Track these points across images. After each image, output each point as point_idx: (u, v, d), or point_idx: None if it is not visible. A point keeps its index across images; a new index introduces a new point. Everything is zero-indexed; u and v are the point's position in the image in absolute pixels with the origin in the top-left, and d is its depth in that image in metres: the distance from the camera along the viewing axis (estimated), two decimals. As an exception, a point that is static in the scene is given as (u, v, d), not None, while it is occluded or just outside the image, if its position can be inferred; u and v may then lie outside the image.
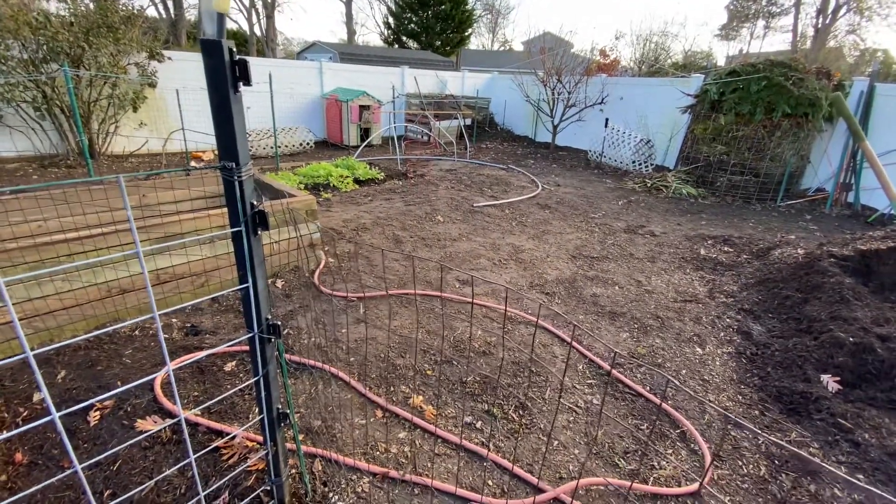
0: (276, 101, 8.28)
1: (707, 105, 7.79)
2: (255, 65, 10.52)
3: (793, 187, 7.56)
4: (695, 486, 2.15)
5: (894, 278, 3.45)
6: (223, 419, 2.36)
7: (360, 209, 5.97)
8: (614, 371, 2.96)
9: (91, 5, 7.80)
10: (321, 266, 4.06)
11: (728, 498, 2.13)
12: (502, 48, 38.51)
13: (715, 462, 2.32)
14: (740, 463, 2.33)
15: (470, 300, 3.68)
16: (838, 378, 2.75)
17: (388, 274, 4.07)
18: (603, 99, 10.52)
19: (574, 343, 3.23)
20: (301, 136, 9.99)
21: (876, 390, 2.65)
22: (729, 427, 2.57)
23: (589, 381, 2.88)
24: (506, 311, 1.51)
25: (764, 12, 33.05)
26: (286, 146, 9.58)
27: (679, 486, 2.16)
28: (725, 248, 5.12)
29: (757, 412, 2.67)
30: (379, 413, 2.45)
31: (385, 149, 10.40)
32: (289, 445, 2.10)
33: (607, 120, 9.94)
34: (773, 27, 33.58)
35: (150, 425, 2.30)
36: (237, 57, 1.14)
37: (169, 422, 2.28)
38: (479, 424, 2.45)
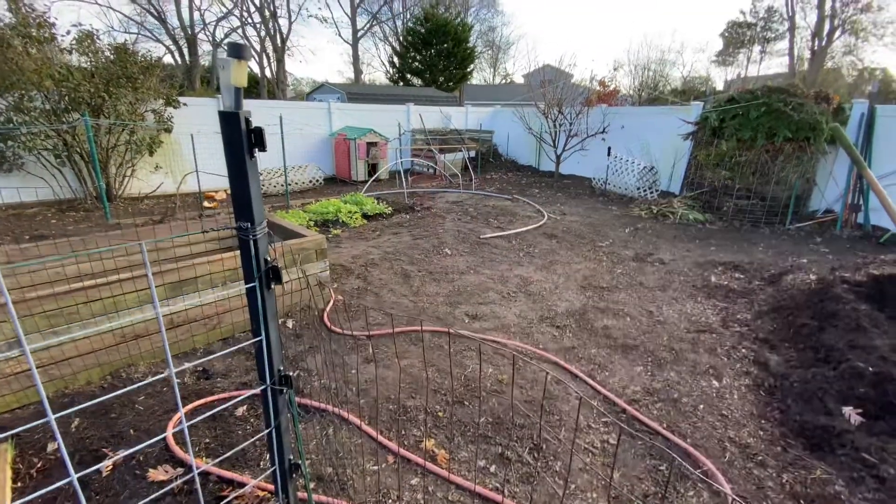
0: (287, 140, 8.56)
1: (708, 132, 7.90)
2: (267, 107, 10.97)
3: (801, 210, 7.54)
4: (719, 531, 2.06)
5: (912, 304, 3.38)
6: (234, 467, 2.34)
7: (368, 244, 6.05)
8: (630, 408, 2.90)
9: (111, 56, 8.25)
10: (330, 304, 4.09)
11: (755, 543, 2.04)
12: (503, 81, 39.63)
13: (739, 504, 2.23)
14: (766, 504, 2.24)
15: (480, 337, 3.67)
16: (860, 410, 2.66)
17: (397, 310, 4.08)
18: (605, 128, 10.72)
19: (588, 379, 3.18)
20: (311, 174, 10.25)
21: (902, 423, 2.56)
22: (751, 466, 2.49)
23: (604, 419, 2.82)
24: (513, 375, 1.51)
25: (759, 38, 33.83)
26: (297, 183, 9.83)
27: (703, 531, 2.08)
28: (736, 275, 5.07)
29: (779, 448, 2.59)
30: (391, 458, 2.42)
31: (392, 183, 10.61)
32: (300, 495, 2.07)
33: (610, 148, 10.09)
34: (769, 51, 34.28)
35: (162, 475, 2.28)
36: (253, 126, 1.22)
37: (181, 472, 2.26)
38: (493, 468, 2.40)
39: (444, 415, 2.77)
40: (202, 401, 2.79)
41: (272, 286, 1.35)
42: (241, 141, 1.20)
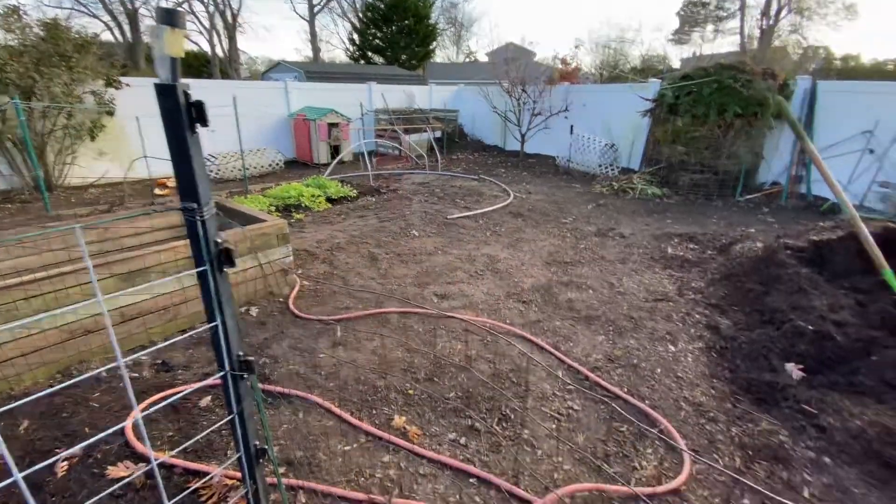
0: (243, 122, 8.17)
1: (665, 108, 8.12)
2: (219, 87, 10.41)
3: (750, 182, 7.93)
4: (675, 483, 2.20)
5: (845, 266, 3.65)
6: (201, 458, 2.29)
7: (333, 228, 5.93)
8: (593, 375, 3.01)
9: (41, 33, 7.55)
10: (295, 290, 4.00)
11: (707, 492, 2.20)
12: (467, 60, 39.14)
13: (692, 458, 2.38)
14: (717, 457, 2.41)
15: (448, 315, 3.70)
16: (802, 366, 2.88)
17: (365, 293, 4.04)
18: (567, 106, 10.82)
19: (553, 350, 3.28)
20: (270, 157, 9.87)
21: (836, 375, 2.79)
22: (703, 422, 2.65)
23: (569, 388, 2.93)
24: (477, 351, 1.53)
25: (712, 17, 34.77)
26: (255, 168, 9.45)
27: (661, 484, 2.21)
28: (691, 246, 5.31)
29: (729, 404, 2.77)
30: (362, 438, 2.43)
31: (356, 165, 10.38)
32: (270, 480, 2.06)
33: (572, 126, 10.22)
34: (721, 30, 35.33)
35: (123, 472, 2.21)
36: (193, 99, 1.15)
37: (141, 467, 2.19)
38: (463, 441, 2.45)
39: (414, 392, 2.80)
40: (162, 394, 2.69)
41: (224, 269, 1.30)
42: (180, 116, 1.12)
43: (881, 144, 6.80)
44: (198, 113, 1.15)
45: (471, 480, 2.21)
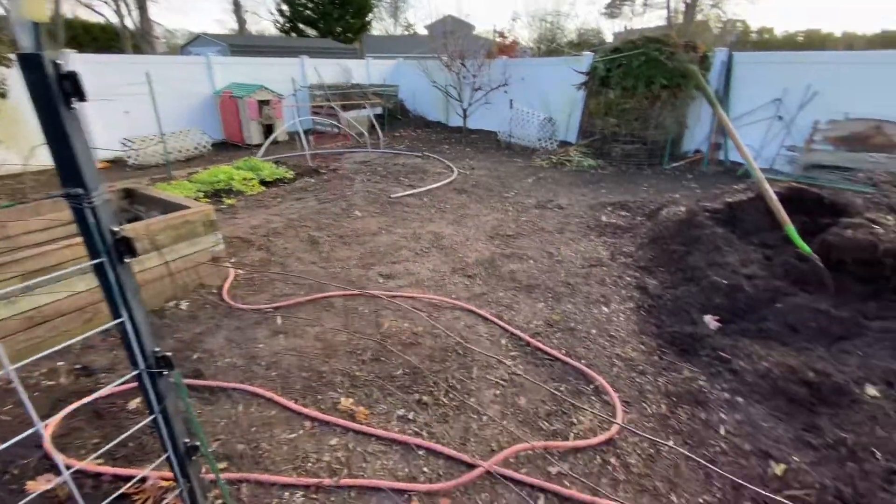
0: (162, 102, 7.46)
1: (597, 81, 8.37)
2: (129, 63, 9.40)
3: (676, 151, 8.44)
4: (608, 434, 2.37)
5: (755, 224, 4.01)
6: (132, 463, 2.16)
7: (269, 212, 5.66)
8: (534, 341, 3.14)
9: None
10: (230, 280, 3.80)
11: (637, 438, 2.39)
12: (406, 33, 38.02)
13: (624, 409, 2.57)
14: (645, 405, 2.61)
15: (395, 295, 3.68)
16: (718, 317, 3.17)
17: (307, 278, 3.92)
18: (506, 81, 10.86)
19: (496, 320, 3.38)
20: (195, 139, 9.15)
21: (747, 323, 3.10)
22: (634, 375, 2.86)
23: (512, 354, 3.04)
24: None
25: (642, -10, 35.90)
26: (179, 151, 8.74)
27: (596, 436, 2.37)
28: (623, 213, 5.61)
29: (656, 357, 3.00)
30: (308, 424, 2.39)
31: (292, 145, 9.87)
32: (210, 476, 1.98)
33: (511, 101, 10.30)
34: (650, 4, 36.65)
35: (44, 485, 2.04)
36: (65, 69, 1.01)
37: (64, 477, 2.03)
38: (411, 415, 2.49)
39: (361, 373, 2.78)
40: (82, 401, 2.49)
41: (125, 260, 1.20)
42: (49, 90, 0.99)
43: (789, 112, 7.44)
44: (73, 86, 1.02)
45: (419, 452, 2.26)
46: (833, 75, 6.94)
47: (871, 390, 2.37)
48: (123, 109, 8.68)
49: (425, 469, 2.17)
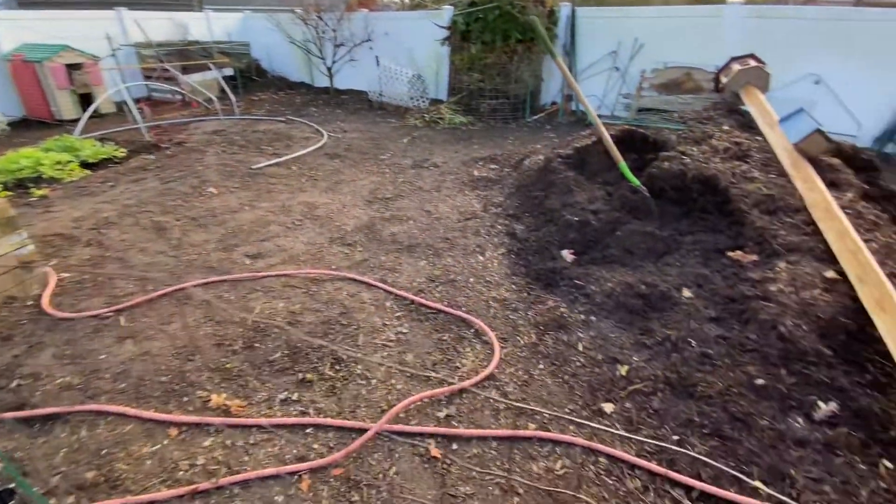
0: None
1: (458, 36, 8.43)
2: None
3: (535, 104, 9.02)
4: (488, 370, 2.57)
5: (599, 165, 4.52)
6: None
7: (97, 200, 4.75)
8: (418, 298, 3.21)
9: None
10: (51, 286, 3.15)
11: (513, 368, 2.63)
12: (253, -18, 33.60)
13: (501, 345, 2.80)
14: (518, 338, 2.87)
15: (266, 275, 3.43)
16: (573, 250, 3.57)
17: (155, 271, 3.43)
18: (369, 36, 10.36)
19: (380, 284, 3.36)
20: (-21, 117, 7.16)
21: (596, 252, 3.54)
22: (508, 313, 3.11)
23: (397, 315, 3.08)
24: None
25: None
26: (-44, 134, 6.77)
27: (477, 374, 2.55)
28: (492, 166, 5.90)
29: (525, 294, 3.29)
30: (174, 431, 2.16)
31: (122, 117, 8.30)
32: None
33: (378, 58, 9.89)
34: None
35: None
36: None
37: None
38: (295, 396, 2.40)
39: (232, 365, 2.57)
40: None
41: None
42: None
43: (623, 63, 8.37)
44: None
45: (307, 431, 2.20)
46: (654, 29, 7.93)
47: (687, 293, 2.91)
48: None
49: (315, 446, 2.13)
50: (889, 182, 3.80)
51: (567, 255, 3.52)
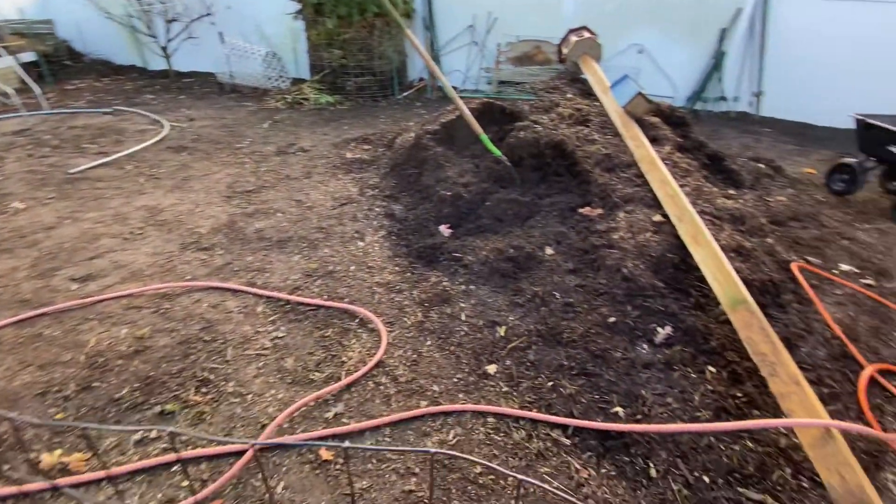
0: None
1: (312, 9, 7.85)
2: None
3: (403, 80, 8.91)
4: (377, 357, 2.51)
5: (466, 140, 4.62)
6: None
7: None
8: (293, 297, 2.99)
9: None
10: None
11: (402, 350, 2.61)
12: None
13: (388, 329, 2.75)
14: (405, 319, 2.85)
15: (99, 299, 2.87)
16: (449, 224, 3.63)
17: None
18: (208, 10, 9.13)
19: (248, 288, 3.05)
20: None
21: (469, 223, 3.64)
22: (394, 296, 3.07)
23: (271, 319, 2.84)
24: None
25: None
26: None
27: (365, 365, 2.47)
28: (365, 147, 5.70)
29: (409, 274, 3.27)
30: (-16, 511, 1.72)
31: None
32: None
33: (221, 34, 8.79)
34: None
35: None
36: None
37: None
38: (154, 434, 2.07)
39: (66, 414, 2.13)
40: None
41: None
42: None
43: (480, 37, 8.62)
44: None
45: (173, 469, 1.92)
46: (505, 2, 8.27)
47: (549, 250, 3.16)
48: None
49: (184, 483, 1.87)
50: (698, 135, 4.55)
51: (444, 229, 3.57)
